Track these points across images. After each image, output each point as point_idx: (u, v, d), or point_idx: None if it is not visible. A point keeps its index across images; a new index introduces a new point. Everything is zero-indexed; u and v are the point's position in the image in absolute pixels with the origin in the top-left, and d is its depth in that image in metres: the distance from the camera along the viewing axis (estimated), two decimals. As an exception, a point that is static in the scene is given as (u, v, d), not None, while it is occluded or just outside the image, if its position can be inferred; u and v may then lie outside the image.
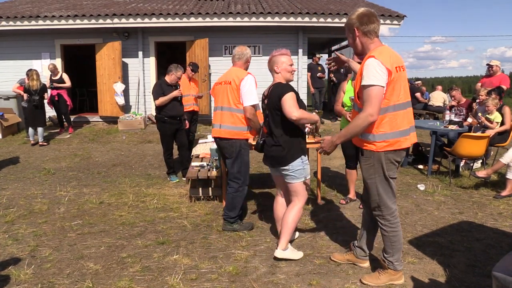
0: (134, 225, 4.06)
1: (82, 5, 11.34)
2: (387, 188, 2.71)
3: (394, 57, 2.53)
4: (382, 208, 2.73)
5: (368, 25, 2.57)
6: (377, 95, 2.44)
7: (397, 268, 2.83)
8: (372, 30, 2.58)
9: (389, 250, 2.81)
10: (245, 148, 3.79)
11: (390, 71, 2.46)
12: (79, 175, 6.17)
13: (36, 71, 8.52)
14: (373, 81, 2.43)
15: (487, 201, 4.74)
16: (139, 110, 10.88)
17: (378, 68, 2.44)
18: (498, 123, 5.97)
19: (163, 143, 5.69)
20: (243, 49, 3.84)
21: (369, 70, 2.45)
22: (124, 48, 10.43)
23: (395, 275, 2.84)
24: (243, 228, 3.85)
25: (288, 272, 3.06)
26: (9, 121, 9.49)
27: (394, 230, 2.77)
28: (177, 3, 11.42)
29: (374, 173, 2.67)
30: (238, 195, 3.82)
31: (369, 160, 2.65)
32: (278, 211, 3.48)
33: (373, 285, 2.84)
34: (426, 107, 11.27)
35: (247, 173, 3.85)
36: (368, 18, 2.57)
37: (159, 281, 2.96)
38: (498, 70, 7.58)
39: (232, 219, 3.84)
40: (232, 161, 3.79)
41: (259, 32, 10.69)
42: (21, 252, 3.46)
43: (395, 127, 2.55)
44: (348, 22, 2.66)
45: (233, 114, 3.70)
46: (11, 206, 4.69)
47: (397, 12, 10.36)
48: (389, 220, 2.75)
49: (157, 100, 5.38)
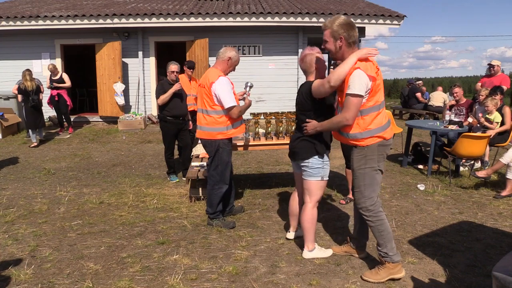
0: (134, 225, 4.06)
1: (82, 5, 11.35)
2: (373, 180, 2.86)
3: (369, 61, 2.74)
4: (364, 199, 2.87)
5: (354, 36, 2.77)
6: (357, 104, 2.69)
7: (394, 259, 2.87)
8: (355, 40, 2.79)
9: (380, 241, 2.89)
10: (223, 148, 3.85)
11: (375, 78, 2.70)
12: (79, 175, 6.17)
13: (29, 71, 8.42)
14: (357, 91, 2.65)
15: (487, 201, 4.74)
16: (139, 110, 10.89)
17: (364, 80, 2.66)
18: (498, 123, 5.97)
19: (165, 143, 5.69)
20: (227, 49, 3.89)
21: (355, 81, 2.66)
22: (124, 48, 10.44)
23: (394, 268, 2.87)
24: (223, 226, 3.92)
25: (288, 272, 3.06)
26: (9, 121, 9.49)
27: (379, 219, 2.87)
28: (177, 3, 11.43)
29: (365, 164, 2.83)
30: (214, 192, 3.93)
31: (362, 151, 2.83)
32: (293, 206, 3.56)
33: (373, 281, 2.86)
34: (426, 107, 11.27)
35: (225, 172, 3.92)
36: (353, 29, 2.77)
37: (159, 281, 2.96)
38: (499, 70, 7.60)
39: (210, 215, 3.98)
40: (211, 160, 3.95)
41: (259, 32, 10.70)
42: (21, 252, 3.46)
43: (377, 124, 2.79)
44: (332, 28, 2.76)
45: (209, 116, 3.81)
46: (11, 206, 4.69)
47: (397, 12, 10.37)
48: (372, 210, 2.87)
49: (158, 98, 5.40)
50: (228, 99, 3.68)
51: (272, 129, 4.95)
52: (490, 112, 6.03)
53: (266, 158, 7.26)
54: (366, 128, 2.77)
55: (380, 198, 4.81)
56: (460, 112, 6.86)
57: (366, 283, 2.89)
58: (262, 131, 4.88)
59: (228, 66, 3.89)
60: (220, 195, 3.96)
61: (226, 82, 3.74)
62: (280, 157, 7.28)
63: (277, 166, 6.66)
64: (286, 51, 10.88)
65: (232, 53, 3.87)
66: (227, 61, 3.86)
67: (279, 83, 10.79)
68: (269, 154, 7.50)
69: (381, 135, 2.81)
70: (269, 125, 4.78)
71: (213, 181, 3.94)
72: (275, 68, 10.91)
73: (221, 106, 3.72)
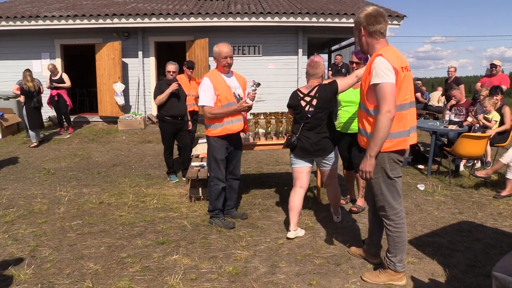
0: (134, 225, 4.06)
1: (82, 5, 11.35)
2: (391, 188, 2.71)
3: (400, 57, 2.57)
4: (386, 208, 2.74)
5: (375, 26, 2.60)
6: (391, 92, 2.46)
7: (398, 270, 2.83)
8: (378, 31, 2.61)
9: (392, 250, 2.82)
10: (212, 145, 3.94)
11: (398, 70, 2.50)
12: (79, 175, 6.17)
13: (29, 71, 8.41)
14: (385, 78, 2.46)
15: (487, 201, 4.74)
16: (139, 110, 10.88)
17: (386, 66, 2.48)
18: (496, 121, 5.98)
19: (164, 143, 5.68)
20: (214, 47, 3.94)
21: (379, 69, 2.48)
22: (124, 48, 10.43)
23: (395, 276, 2.84)
24: (223, 225, 3.94)
25: (288, 272, 3.06)
26: (9, 121, 9.49)
27: (399, 231, 2.77)
28: (177, 3, 11.42)
29: (377, 173, 2.68)
30: (210, 189, 4.02)
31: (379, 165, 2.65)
32: (295, 201, 3.65)
33: (372, 282, 2.85)
34: (426, 107, 11.27)
35: (216, 169, 3.96)
36: (375, 19, 2.60)
37: (159, 281, 2.96)
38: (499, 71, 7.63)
39: (209, 212, 4.08)
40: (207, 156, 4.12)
41: (259, 32, 10.70)
42: (21, 252, 3.46)
43: (400, 126, 2.57)
44: (356, 20, 2.71)
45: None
46: (11, 206, 4.69)
47: (397, 12, 10.36)
48: (394, 220, 2.75)
49: (155, 99, 5.41)
50: (201, 98, 3.85)
51: (272, 129, 4.95)
52: (488, 111, 6.03)
53: (266, 158, 7.26)
54: None
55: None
56: (460, 112, 6.86)
57: (366, 283, 2.89)
58: (262, 131, 4.89)
59: (219, 63, 3.95)
60: (216, 192, 3.97)
61: (205, 82, 3.86)
62: (280, 157, 7.28)
63: (277, 166, 6.66)
64: (286, 51, 10.87)
65: (215, 49, 3.91)
66: (218, 58, 3.92)
67: (279, 83, 10.78)
68: (269, 154, 7.50)
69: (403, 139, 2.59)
70: (269, 125, 4.78)
71: (209, 178, 4.05)
72: (275, 68, 10.90)
73: None
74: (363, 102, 2.70)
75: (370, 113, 2.62)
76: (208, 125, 3.95)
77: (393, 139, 2.57)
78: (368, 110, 2.63)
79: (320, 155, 3.60)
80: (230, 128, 3.89)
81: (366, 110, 2.64)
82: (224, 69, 3.93)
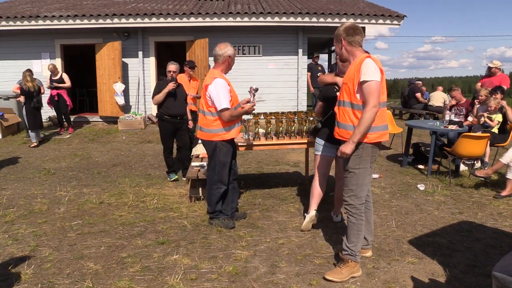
0: (134, 225, 4.06)
1: (82, 5, 11.34)
2: (366, 179, 2.96)
3: (378, 62, 2.88)
4: (353, 198, 2.96)
5: (353, 36, 2.95)
6: (377, 89, 2.77)
7: (357, 259, 2.98)
8: (356, 41, 2.95)
9: (354, 239, 2.96)
10: (220, 149, 3.85)
11: (382, 71, 2.84)
12: (79, 175, 6.17)
13: (29, 71, 8.40)
14: (373, 76, 2.76)
15: (487, 201, 4.74)
16: (139, 110, 10.89)
17: (374, 66, 2.80)
18: (499, 122, 6.00)
19: (163, 142, 5.68)
20: (222, 47, 3.82)
21: (368, 68, 2.78)
22: (124, 48, 10.43)
23: (355, 267, 2.97)
24: (223, 226, 3.92)
25: (288, 272, 3.07)
26: (9, 121, 9.49)
27: (362, 219, 2.98)
28: (177, 3, 11.42)
29: (359, 164, 2.91)
30: (212, 192, 3.96)
31: (358, 151, 2.89)
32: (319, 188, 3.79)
33: (337, 280, 2.92)
34: (426, 107, 11.27)
35: (222, 173, 3.92)
36: (354, 31, 2.95)
37: (159, 281, 2.96)
38: (498, 71, 7.60)
39: (210, 214, 4.03)
40: (209, 160, 4.02)
41: (259, 32, 10.70)
42: (21, 252, 3.46)
43: (382, 121, 2.90)
44: (336, 33, 3.04)
45: (205, 117, 3.84)
46: (11, 206, 4.69)
47: (397, 12, 10.37)
48: (359, 209, 2.97)
49: (153, 98, 5.43)
50: (221, 101, 3.66)
51: (272, 129, 4.95)
52: (492, 111, 6.04)
53: (266, 158, 7.26)
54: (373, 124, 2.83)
55: (380, 198, 4.84)
56: (460, 112, 6.86)
57: (365, 283, 2.89)
58: (262, 131, 4.88)
59: (229, 65, 3.88)
60: (218, 195, 3.96)
61: (222, 84, 3.71)
62: (280, 157, 7.28)
63: (277, 166, 6.66)
64: (286, 51, 10.87)
65: (230, 50, 3.82)
66: (228, 60, 3.84)
67: (279, 83, 10.79)
68: (269, 154, 7.50)
69: (384, 133, 2.91)
70: (269, 125, 4.78)
71: (211, 181, 3.97)
72: (275, 68, 10.90)
73: (214, 108, 3.73)
74: (349, 100, 2.90)
75: (359, 108, 2.85)
76: (218, 130, 3.78)
77: (377, 131, 2.87)
78: (354, 105, 2.87)
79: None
80: (238, 130, 3.92)
81: (353, 105, 2.87)
82: (227, 71, 3.91)
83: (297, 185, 5.35)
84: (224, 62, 3.84)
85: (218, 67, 3.87)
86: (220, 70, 3.86)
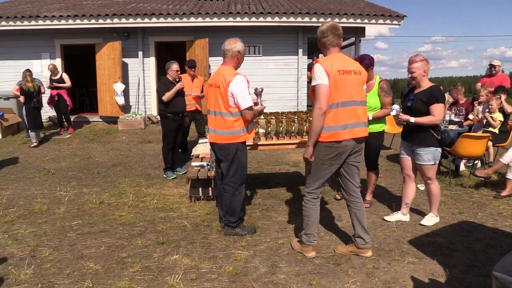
0: (134, 225, 4.06)
1: (82, 5, 11.34)
2: (318, 173, 3.17)
3: (339, 63, 2.99)
4: (308, 187, 3.24)
5: (323, 39, 3.08)
6: (322, 92, 2.94)
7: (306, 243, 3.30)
8: (326, 43, 3.09)
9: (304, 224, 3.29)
10: (242, 151, 3.64)
11: (328, 73, 2.93)
12: (79, 175, 6.17)
13: (29, 71, 8.39)
14: (318, 81, 2.95)
15: (487, 201, 4.74)
16: (139, 110, 10.88)
17: (320, 70, 2.95)
18: (501, 121, 6.00)
19: (165, 138, 5.83)
20: (231, 42, 3.61)
21: (314, 73, 2.98)
22: (124, 48, 10.43)
23: (305, 248, 3.31)
24: (246, 232, 3.74)
25: (288, 272, 3.06)
26: (9, 121, 9.49)
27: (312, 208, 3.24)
28: (177, 3, 11.42)
29: (314, 158, 3.11)
30: (236, 199, 3.69)
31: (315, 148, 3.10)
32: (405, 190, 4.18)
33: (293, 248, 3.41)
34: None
35: (244, 175, 3.73)
36: (323, 33, 3.08)
37: (159, 281, 2.96)
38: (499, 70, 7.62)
39: (233, 223, 3.73)
40: (228, 164, 3.64)
41: (259, 32, 10.69)
42: (21, 252, 3.46)
43: (336, 121, 3.01)
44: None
45: (225, 119, 3.53)
46: (11, 206, 4.69)
47: (397, 12, 10.36)
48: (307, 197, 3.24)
49: (164, 95, 5.56)
50: (247, 99, 3.46)
51: (272, 129, 4.95)
52: (493, 111, 6.04)
53: (266, 158, 7.26)
54: (326, 124, 3.00)
55: (380, 198, 4.83)
56: (460, 112, 6.86)
57: (365, 283, 2.89)
58: (262, 131, 4.88)
59: (238, 61, 3.64)
60: (241, 200, 3.73)
61: (244, 80, 3.49)
62: (280, 157, 7.28)
63: (277, 166, 6.66)
64: (286, 51, 10.87)
65: (240, 45, 3.60)
66: (237, 56, 3.61)
67: (279, 83, 10.78)
68: (269, 154, 7.50)
69: (337, 133, 3.02)
70: (269, 125, 4.78)
71: (233, 188, 3.67)
72: (275, 68, 10.90)
73: (237, 107, 3.47)
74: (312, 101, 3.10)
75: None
76: (240, 131, 3.55)
77: (328, 131, 3.02)
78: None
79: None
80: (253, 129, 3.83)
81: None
82: (237, 68, 3.66)
83: (297, 185, 5.36)
84: (233, 58, 3.60)
85: (227, 64, 3.62)
86: (232, 66, 3.61)
